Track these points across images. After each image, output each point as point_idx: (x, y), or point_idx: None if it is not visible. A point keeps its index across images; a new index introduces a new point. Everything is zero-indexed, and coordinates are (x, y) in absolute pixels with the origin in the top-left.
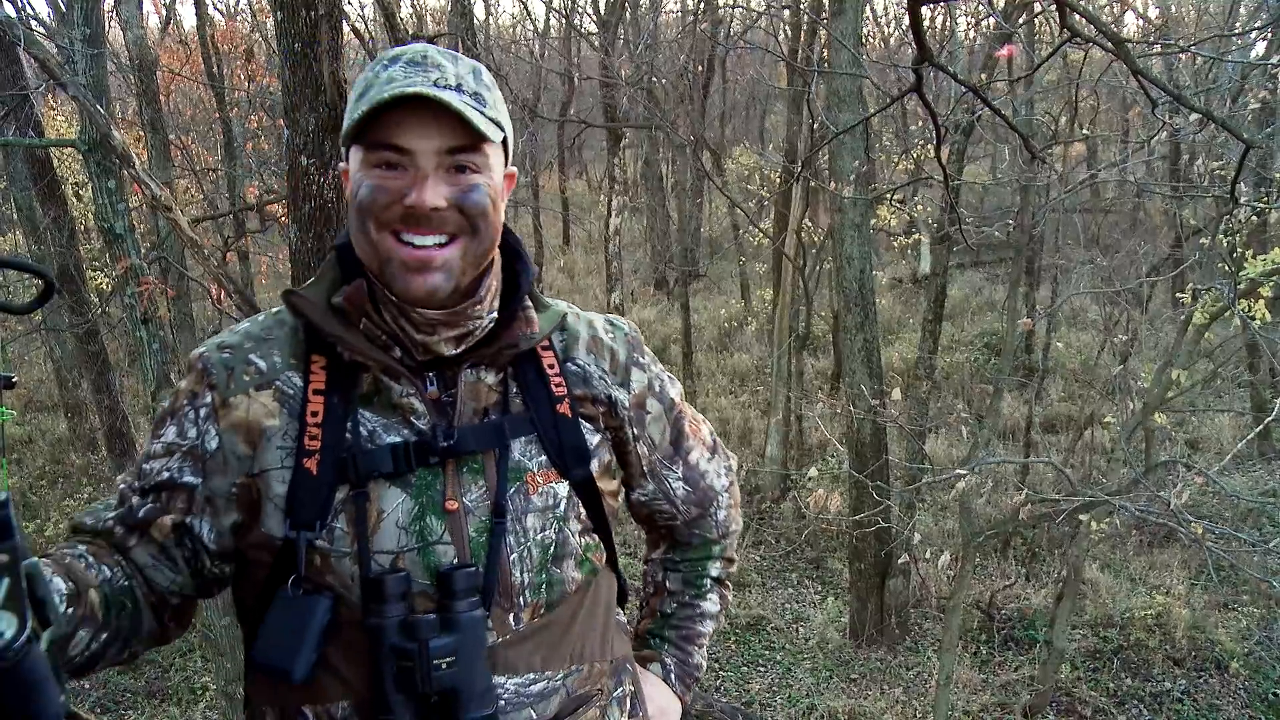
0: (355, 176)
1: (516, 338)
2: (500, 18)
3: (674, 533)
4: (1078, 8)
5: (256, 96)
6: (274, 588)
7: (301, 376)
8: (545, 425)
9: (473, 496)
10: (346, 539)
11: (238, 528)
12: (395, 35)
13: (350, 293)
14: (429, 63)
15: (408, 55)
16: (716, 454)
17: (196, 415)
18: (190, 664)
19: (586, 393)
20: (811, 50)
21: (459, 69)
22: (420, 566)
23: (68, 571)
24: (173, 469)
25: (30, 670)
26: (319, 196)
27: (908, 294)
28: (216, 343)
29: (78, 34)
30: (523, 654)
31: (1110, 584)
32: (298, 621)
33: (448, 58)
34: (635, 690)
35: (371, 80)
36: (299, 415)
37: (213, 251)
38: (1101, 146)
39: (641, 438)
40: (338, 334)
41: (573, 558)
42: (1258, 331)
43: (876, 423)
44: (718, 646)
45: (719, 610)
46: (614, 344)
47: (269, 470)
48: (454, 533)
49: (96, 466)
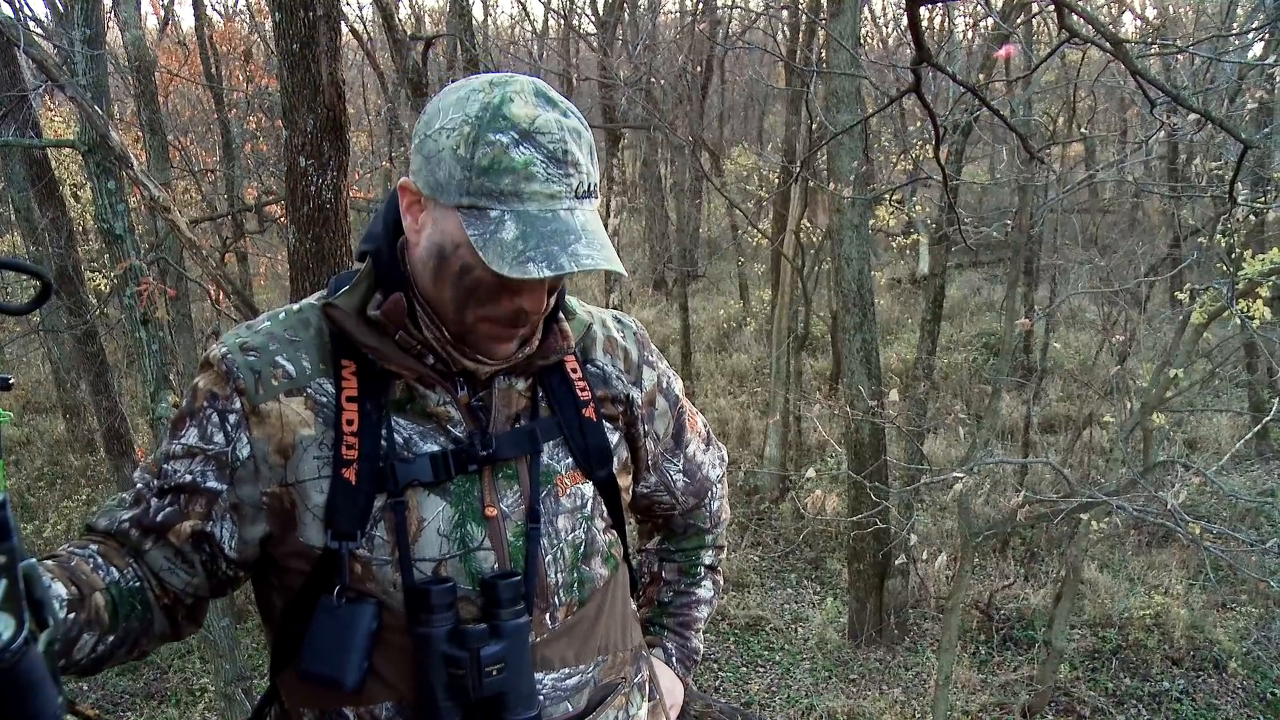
0: (459, 251)
1: (551, 351)
2: (499, 18)
3: (669, 523)
4: (1076, 8)
5: (255, 97)
6: (311, 596)
7: (333, 383)
8: (572, 429)
9: (509, 502)
10: (387, 547)
11: (267, 538)
12: (393, 36)
13: (389, 309)
14: (569, 160)
15: (546, 140)
16: (711, 445)
17: (224, 421)
18: (189, 665)
19: (607, 393)
20: (810, 51)
21: (584, 154)
22: (463, 573)
23: (71, 575)
24: (195, 472)
25: (27, 671)
26: (317, 197)
27: (906, 294)
28: (239, 343)
29: (76, 35)
30: (557, 651)
31: (1109, 584)
32: (345, 631)
33: (574, 137)
34: (651, 674)
35: (503, 160)
36: (334, 424)
37: (211, 252)
38: (1100, 147)
39: (650, 433)
40: (372, 345)
41: (599, 555)
42: (1256, 331)
43: (875, 423)
44: (717, 647)
45: (713, 595)
46: (626, 343)
47: (305, 481)
48: (493, 538)
49: (95, 468)
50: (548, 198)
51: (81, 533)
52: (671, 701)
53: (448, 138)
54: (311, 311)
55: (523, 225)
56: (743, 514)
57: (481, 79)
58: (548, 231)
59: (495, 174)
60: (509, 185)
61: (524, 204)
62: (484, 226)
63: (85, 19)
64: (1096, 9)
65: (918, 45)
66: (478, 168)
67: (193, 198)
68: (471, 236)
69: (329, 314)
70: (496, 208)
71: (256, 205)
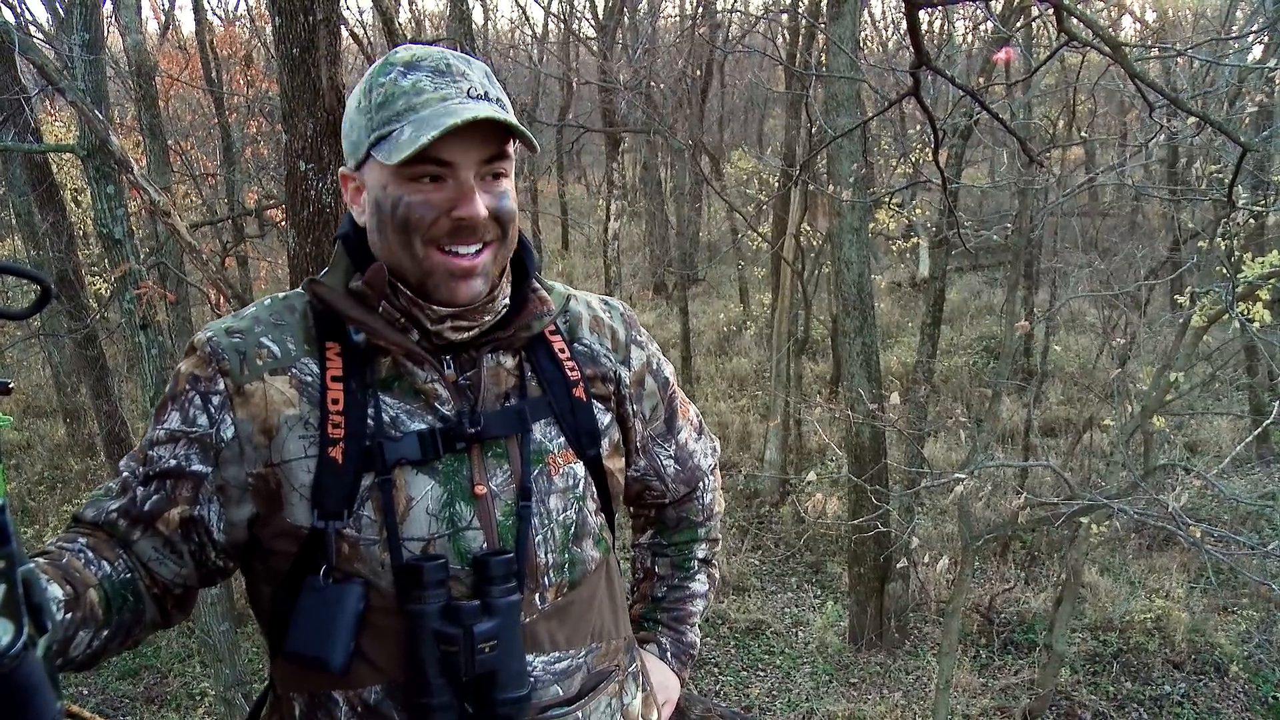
0: (386, 190)
1: (531, 318)
2: (499, 22)
3: (662, 514)
4: (1075, 12)
5: (255, 102)
6: (297, 577)
7: (318, 363)
8: (562, 408)
9: (498, 480)
10: (375, 526)
11: (254, 519)
12: (394, 41)
13: (371, 276)
14: (455, 71)
15: (429, 62)
16: (703, 435)
17: (206, 403)
18: (189, 670)
19: (596, 372)
20: (810, 54)
21: (476, 74)
22: (453, 552)
23: (65, 574)
24: (179, 456)
25: (26, 676)
26: (317, 201)
27: (906, 298)
28: (224, 327)
29: (76, 39)
30: (548, 632)
31: (1110, 587)
32: (331, 610)
33: (463, 61)
34: (642, 665)
35: (394, 90)
36: (319, 403)
37: (211, 257)
38: (1099, 150)
39: (638, 414)
40: (360, 318)
41: (591, 536)
42: (1256, 334)
43: (875, 427)
44: (718, 651)
45: (707, 589)
46: (613, 322)
47: (291, 460)
48: (483, 517)
49: (95, 472)
50: (440, 99)
51: (68, 524)
52: (666, 697)
53: (352, 105)
54: (297, 298)
55: (418, 123)
56: (743, 518)
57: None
58: (438, 112)
59: (389, 103)
60: (402, 104)
61: (418, 112)
62: (389, 145)
63: (85, 23)
64: (1096, 12)
65: (917, 49)
66: (374, 105)
67: (193, 202)
68: (379, 157)
69: (316, 291)
70: (396, 126)
71: (257, 209)
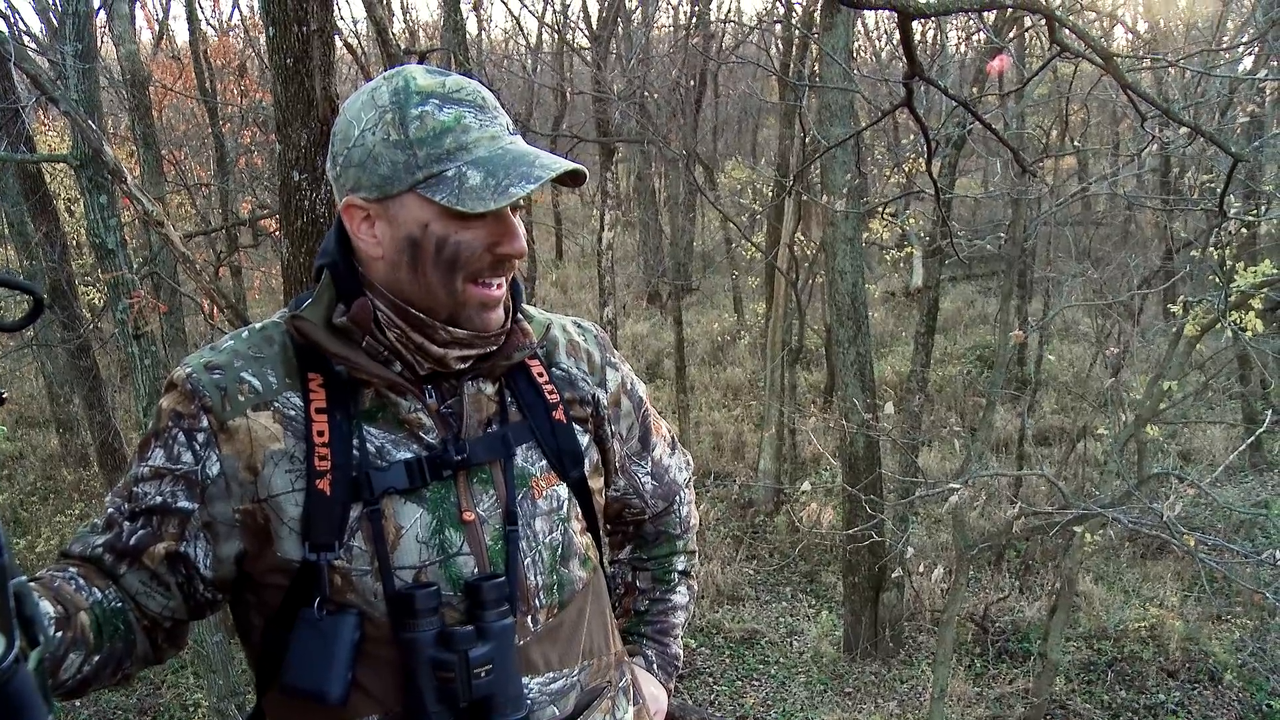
0: (429, 229)
1: (513, 349)
2: (493, 33)
3: (640, 530)
4: (1067, 23)
5: (249, 112)
6: (291, 611)
7: (300, 396)
8: (543, 431)
9: (485, 506)
10: (366, 556)
11: (242, 556)
12: (388, 51)
13: (357, 312)
14: (490, 105)
15: (465, 95)
16: (676, 450)
17: (191, 440)
18: (182, 681)
19: (574, 395)
20: (803, 65)
21: (495, 101)
22: (444, 579)
23: (56, 594)
24: (165, 493)
25: (18, 690)
26: (311, 211)
27: (900, 307)
28: (203, 362)
29: (70, 49)
30: (541, 654)
31: (1104, 596)
32: (328, 643)
33: (481, 89)
34: (634, 679)
35: (436, 125)
36: (304, 435)
37: (205, 267)
38: (1092, 160)
39: (616, 434)
40: (342, 353)
41: (577, 557)
42: (1249, 343)
43: (870, 436)
44: (712, 660)
45: (688, 601)
46: (588, 346)
47: (279, 495)
48: (472, 543)
49: (88, 482)
50: (490, 139)
51: (55, 560)
52: (656, 709)
53: (374, 134)
54: (275, 329)
55: (483, 166)
56: (737, 527)
57: (371, 82)
58: (507, 160)
59: (435, 139)
60: (451, 142)
61: (472, 153)
62: (448, 186)
63: (78, 33)
64: (1088, 23)
65: (910, 59)
66: (416, 141)
67: (187, 212)
68: (441, 200)
69: (297, 326)
70: (450, 166)
71: (250, 219)
